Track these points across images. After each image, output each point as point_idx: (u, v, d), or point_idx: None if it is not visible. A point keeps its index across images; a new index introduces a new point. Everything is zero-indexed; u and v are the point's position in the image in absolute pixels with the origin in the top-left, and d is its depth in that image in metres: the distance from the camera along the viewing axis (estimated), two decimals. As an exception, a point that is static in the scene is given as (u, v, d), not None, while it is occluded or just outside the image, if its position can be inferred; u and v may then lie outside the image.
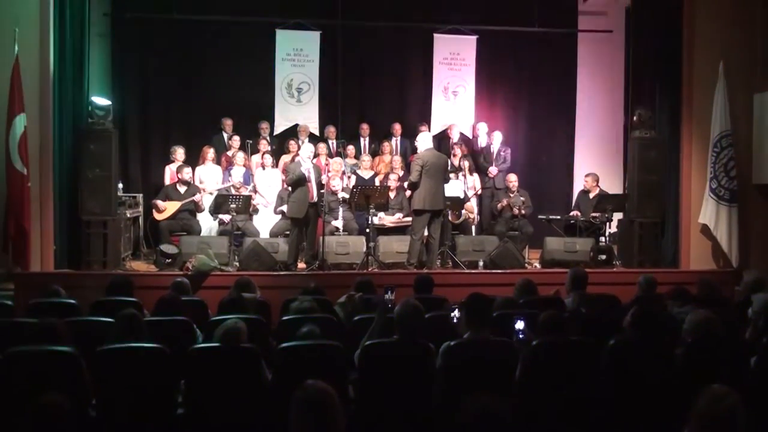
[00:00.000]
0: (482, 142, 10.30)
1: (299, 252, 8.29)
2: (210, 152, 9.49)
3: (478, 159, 10.20)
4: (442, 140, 10.28)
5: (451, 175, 8.94)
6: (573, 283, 5.57)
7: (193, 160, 9.56)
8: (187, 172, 8.98)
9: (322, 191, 8.35)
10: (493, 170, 9.93)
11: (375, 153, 10.36)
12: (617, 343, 4.04)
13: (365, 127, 10.49)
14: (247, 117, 10.37)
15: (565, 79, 10.99)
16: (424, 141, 8.18)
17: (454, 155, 9.95)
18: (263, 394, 3.96)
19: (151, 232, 9.15)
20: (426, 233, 8.16)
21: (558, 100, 11.01)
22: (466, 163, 9.71)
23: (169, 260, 8.00)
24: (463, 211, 9.31)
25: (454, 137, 10.42)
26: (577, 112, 11.10)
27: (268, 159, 9.47)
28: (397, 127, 10.51)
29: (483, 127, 10.34)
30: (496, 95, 10.90)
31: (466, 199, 9.32)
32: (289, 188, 8.44)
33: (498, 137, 10.07)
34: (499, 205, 9.43)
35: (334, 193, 8.97)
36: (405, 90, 10.83)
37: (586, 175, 9.66)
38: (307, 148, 8.28)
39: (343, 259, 8.32)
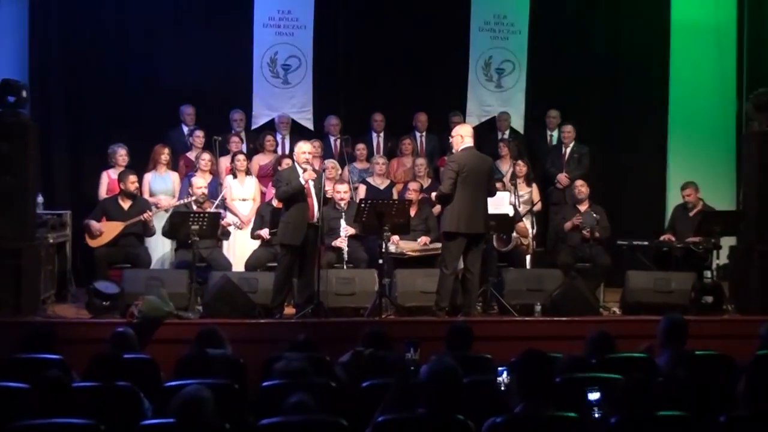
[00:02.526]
0: (553, 138, 10.37)
1: (288, 292, 8.30)
2: (164, 153, 9.52)
3: (545, 162, 10.24)
4: (486, 136, 10.31)
5: (498, 185, 8.95)
6: (667, 335, 5.53)
7: (140, 164, 9.61)
8: (132, 181, 9.02)
9: (326, 207, 8.35)
10: (563, 178, 9.97)
11: (392, 154, 10.41)
12: (730, 420, 4.01)
13: (379, 119, 10.53)
14: (214, 105, 10.43)
15: (654, 50, 11.00)
16: (462, 136, 8.17)
17: (503, 156, 9.97)
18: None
19: (82, 264, 9.17)
20: (461, 265, 8.16)
21: (645, 79, 11.01)
22: (519, 168, 9.73)
23: (108, 303, 8.01)
24: (514, 235, 9.29)
25: (504, 131, 10.44)
26: (671, 95, 11.10)
27: (243, 162, 9.51)
28: (422, 119, 10.55)
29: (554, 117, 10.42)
30: (558, 74, 10.92)
31: (518, 217, 9.31)
32: (274, 203, 8.45)
33: (571, 132, 10.17)
34: (566, 224, 9.40)
35: (336, 207, 8.97)
36: (432, 68, 10.87)
37: (684, 185, 9.61)
38: (302, 148, 8.23)
39: (347, 301, 8.31)
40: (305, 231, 8.03)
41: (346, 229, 8.83)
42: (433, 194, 8.59)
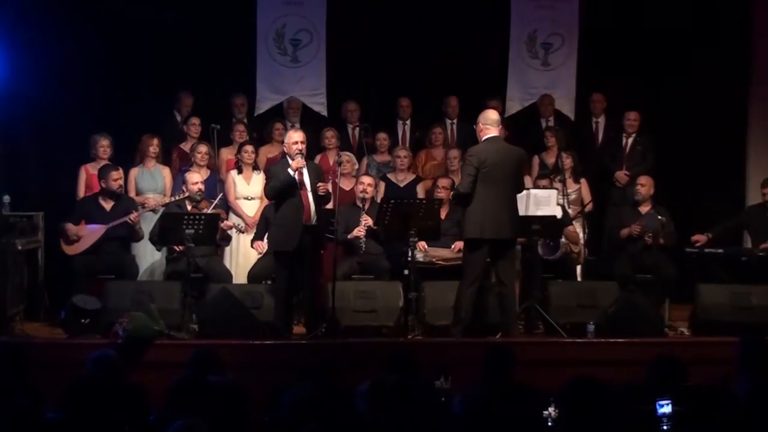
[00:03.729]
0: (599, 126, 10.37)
1: (293, 308, 8.30)
2: (153, 145, 9.55)
3: (603, 156, 10.23)
4: (530, 123, 10.31)
5: (543, 182, 8.91)
6: (747, 360, 5.52)
7: (125, 157, 9.64)
8: (115, 179, 9.03)
9: (328, 206, 8.34)
10: (621, 175, 9.95)
11: (420, 145, 10.41)
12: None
13: (405, 104, 10.55)
14: (211, 88, 10.44)
15: (732, 22, 10.96)
16: (483, 125, 8.10)
17: (549, 148, 9.95)
18: None
19: (57, 275, 9.21)
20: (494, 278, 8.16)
21: (721, 58, 10.95)
22: (564, 160, 9.71)
23: (87, 320, 8.06)
24: (562, 241, 9.26)
25: (548, 118, 10.43)
26: (754, 79, 11.03)
27: (251, 154, 9.50)
28: (453, 103, 10.56)
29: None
30: (616, 52, 10.89)
31: (568, 220, 9.28)
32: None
33: (636, 121, 10.15)
34: (623, 231, 9.36)
35: (355, 204, 8.97)
36: (467, 44, 10.85)
37: (765, 182, 9.55)
38: (292, 138, 8.20)
39: (367, 318, 8.33)
40: (299, 234, 8.03)
41: (365, 218, 8.84)
42: (450, 194, 8.59)
